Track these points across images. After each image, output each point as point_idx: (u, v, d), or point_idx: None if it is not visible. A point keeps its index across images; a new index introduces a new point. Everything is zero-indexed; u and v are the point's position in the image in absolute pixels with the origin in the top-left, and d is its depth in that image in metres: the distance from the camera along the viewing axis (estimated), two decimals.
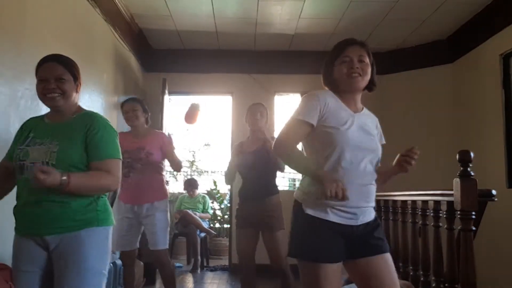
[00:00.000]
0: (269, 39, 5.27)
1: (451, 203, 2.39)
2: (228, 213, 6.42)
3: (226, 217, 7.02)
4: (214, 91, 5.97)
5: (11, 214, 1.79)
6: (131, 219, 3.15)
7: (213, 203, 7.16)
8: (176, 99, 6.56)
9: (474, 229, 2.30)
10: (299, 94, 5.85)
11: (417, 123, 5.23)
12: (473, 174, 2.26)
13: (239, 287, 3.38)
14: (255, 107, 3.27)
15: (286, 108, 5.93)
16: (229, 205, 6.04)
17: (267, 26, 4.88)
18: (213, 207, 7.05)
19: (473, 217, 2.27)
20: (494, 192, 2.37)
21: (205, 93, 6.01)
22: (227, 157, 3.89)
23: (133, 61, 5.10)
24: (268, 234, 3.11)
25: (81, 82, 1.87)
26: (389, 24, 4.69)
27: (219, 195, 7.42)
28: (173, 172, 7.36)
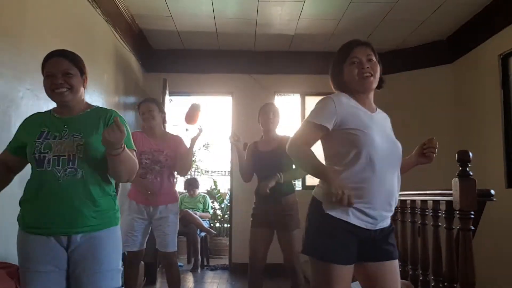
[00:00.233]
0: (269, 39, 5.28)
1: (450, 202, 2.39)
2: (228, 212, 6.42)
3: (226, 216, 7.02)
4: (214, 91, 5.97)
5: (11, 213, 1.76)
6: (143, 219, 3.17)
7: (213, 202, 7.18)
8: (176, 99, 6.57)
9: (473, 228, 2.30)
10: (299, 94, 5.86)
11: (418, 123, 5.23)
12: (472, 174, 2.26)
13: (239, 286, 3.39)
14: (267, 107, 3.25)
15: (286, 108, 5.93)
16: (229, 204, 6.05)
17: (267, 26, 4.88)
18: (213, 207, 7.07)
19: (472, 216, 2.27)
20: (493, 192, 2.38)
21: (205, 93, 6.01)
22: (227, 157, 3.88)
23: (133, 62, 5.10)
24: (283, 233, 3.10)
25: (87, 76, 1.87)
26: (389, 24, 4.69)
27: (219, 194, 7.44)
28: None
